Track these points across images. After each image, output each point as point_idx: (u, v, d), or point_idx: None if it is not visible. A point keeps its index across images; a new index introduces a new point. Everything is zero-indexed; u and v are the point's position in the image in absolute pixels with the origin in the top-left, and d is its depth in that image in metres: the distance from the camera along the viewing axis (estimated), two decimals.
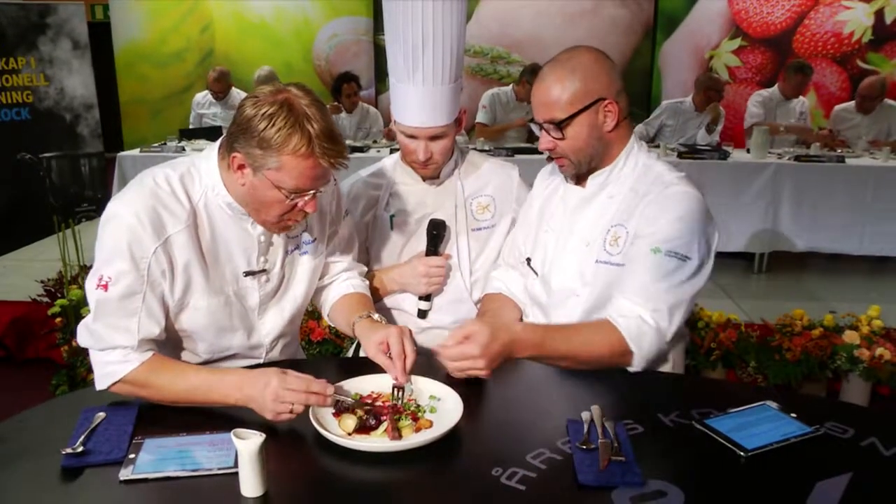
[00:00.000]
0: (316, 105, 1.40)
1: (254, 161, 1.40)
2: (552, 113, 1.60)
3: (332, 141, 1.39)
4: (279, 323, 1.68)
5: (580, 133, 1.60)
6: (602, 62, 1.61)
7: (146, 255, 1.43)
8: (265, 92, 1.41)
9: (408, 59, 1.75)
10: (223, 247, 1.55)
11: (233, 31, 8.31)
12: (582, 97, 1.58)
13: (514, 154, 4.89)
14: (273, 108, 1.36)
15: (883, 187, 4.80)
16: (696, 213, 1.57)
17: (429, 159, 1.84)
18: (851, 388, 3.31)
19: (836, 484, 1.23)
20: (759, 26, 7.48)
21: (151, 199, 1.45)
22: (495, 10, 7.82)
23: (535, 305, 1.79)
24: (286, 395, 1.35)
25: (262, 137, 1.36)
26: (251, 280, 1.60)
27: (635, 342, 1.55)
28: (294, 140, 1.36)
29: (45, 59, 5.86)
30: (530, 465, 1.27)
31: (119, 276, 1.43)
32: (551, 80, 1.60)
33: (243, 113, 1.40)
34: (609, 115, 1.60)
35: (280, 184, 1.41)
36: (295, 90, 1.40)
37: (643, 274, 1.57)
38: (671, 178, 1.62)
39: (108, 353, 1.46)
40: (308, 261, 1.69)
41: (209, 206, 1.52)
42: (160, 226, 1.44)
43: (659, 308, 1.56)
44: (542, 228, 1.78)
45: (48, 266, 4.37)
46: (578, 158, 1.65)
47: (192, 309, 1.54)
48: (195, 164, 1.54)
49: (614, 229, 1.63)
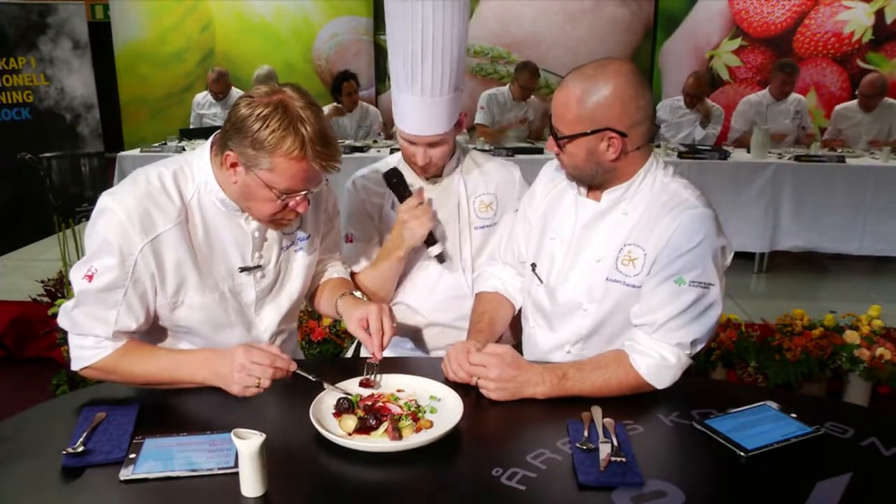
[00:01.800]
0: (311, 108, 1.40)
1: (247, 160, 1.41)
2: (558, 124, 1.57)
3: (325, 144, 1.39)
4: (276, 318, 1.69)
5: (577, 153, 1.56)
6: (623, 92, 1.50)
7: (133, 252, 1.45)
8: (261, 92, 1.41)
9: (407, 70, 1.75)
10: (217, 243, 1.55)
11: (233, 30, 8.31)
12: (586, 123, 1.52)
13: (515, 154, 4.89)
14: (268, 110, 1.37)
15: (883, 187, 4.80)
16: (713, 235, 1.53)
17: (428, 163, 1.85)
18: (852, 388, 3.31)
19: (836, 484, 1.23)
20: (760, 26, 7.47)
21: (143, 196, 1.46)
22: (496, 10, 7.81)
23: (538, 312, 1.77)
24: (253, 369, 1.40)
25: (255, 138, 1.37)
26: (247, 276, 1.61)
27: (655, 380, 1.53)
28: (287, 142, 1.36)
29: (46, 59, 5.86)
30: (530, 465, 1.27)
31: (104, 270, 1.45)
32: (567, 92, 1.54)
33: (238, 112, 1.40)
34: (612, 147, 1.54)
35: (272, 184, 1.42)
36: (290, 91, 1.41)
37: (667, 307, 1.52)
38: (688, 198, 1.57)
39: (83, 339, 1.50)
40: (303, 257, 1.71)
41: (202, 203, 1.52)
42: (150, 224, 1.45)
43: (682, 342, 1.53)
44: (547, 234, 1.74)
45: (48, 266, 4.38)
46: (575, 174, 1.63)
47: (187, 306, 1.55)
48: (188, 161, 1.55)
49: (628, 248, 1.59)
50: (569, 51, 7.68)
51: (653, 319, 1.54)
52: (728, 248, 1.58)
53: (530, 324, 1.80)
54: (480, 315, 1.83)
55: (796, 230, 4.93)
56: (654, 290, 1.55)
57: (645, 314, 1.56)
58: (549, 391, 1.50)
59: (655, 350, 1.53)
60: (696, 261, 1.52)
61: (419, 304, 1.98)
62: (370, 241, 1.98)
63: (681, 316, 1.52)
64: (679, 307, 1.52)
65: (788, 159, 4.96)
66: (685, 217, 1.53)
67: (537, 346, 1.78)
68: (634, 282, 1.59)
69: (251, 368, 1.40)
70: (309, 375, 1.47)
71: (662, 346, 1.53)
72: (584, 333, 1.67)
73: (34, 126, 5.75)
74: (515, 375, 1.50)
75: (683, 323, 1.52)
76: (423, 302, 1.98)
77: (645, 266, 1.57)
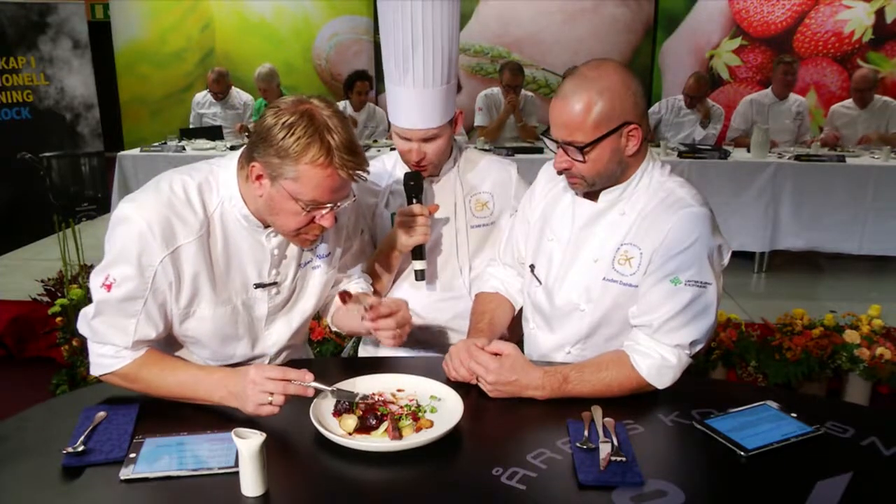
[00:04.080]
0: (338, 116, 1.39)
1: (272, 170, 1.39)
2: (574, 135, 1.52)
3: (351, 153, 1.37)
4: (286, 333, 1.67)
5: (602, 157, 1.53)
6: (629, 83, 1.51)
7: (153, 263, 1.43)
8: (287, 102, 1.40)
9: (399, 61, 1.75)
10: (235, 258, 1.54)
11: (233, 30, 8.32)
12: (608, 121, 1.49)
13: (514, 154, 4.89)
14: (294, 118, 1.36)
15: (883, 187, 4.80)
16: (708, 234, 1.53)
17: (422, 160, 1.84)
18: (851, 388, 3.31)
19: (836, 484, 1.23)
20: (760, 26, 7.48)
21: (165, 206, 1.44)
22: (495, 10, 7.82)
23: (537, 313, 1.77)
24: (266, 384, 1.36)
25: (280, 146, 1.35)
26: (261, 292, 1.59)
27: (656, 380, 1.53)
28: (313, 150, 1.35)
29: (46, 59, 5.86)
30: (530, 465, 1.27)
31: (123, 280, 1.43)
32: (575, 100, 1.49)
33: (264, 122, 1.38)
34: (632, 139, 1.52)
35: (297, 195, 1.39)
36: (317, 101, 1.40)
37: (664, 307, 1.52)
38: (684, 196, 1.57)
39: (102, 347, 1.49)
40: (320, 275, 1.69)
41: (225, 217, 1.50)
42: (171, 235, 1.43)
43: (682, 342, 1.53)
44: (545, 236, 1.74)
45: (48, 265, 4.38)
46: (594, 180, 1.59)
47: (197, 318, 1.53)
48: (213, 173, 1.52)
49: (625, 248, 1.59)
50: (569, 51, 7.69)
51: (650, 319, 1.54)
52: (725, 247, 1.58)
53: (530, 325, 1.80)
54: (480, 315, 1.83)
55: (796, 230, 4.93)
56: (650, 289, 1.55)
57: (643, 314, 1.56)
58: (549, 395, 1.50)
59: (656, 350, 1.53)
60: (692, 260, 1.52)
61: (415, 303, 1.98)
62: (364, 238, 1.98)
63: (678, 316, 1.52)
64: (676, 307, 1.52)
65: (788, 159, 4.96)
66: (680, 216, 1.53)
67: (538, 347, 1.78)
68: (631, 281, 1.58)
69: (263, 384, 1.36)
70: (325, 387, 1.42)
71: (662, 347, 1.53)
72: (584, 334, 1.67)
73: (34, 126, 5.76)
74: (515, 379, 1.50)
75: (681, 323, 1.52)
76: (418, 301, 1.97)
77: (641, 265, 1.57)
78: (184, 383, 1.46)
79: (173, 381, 1.47)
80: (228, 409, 1.43)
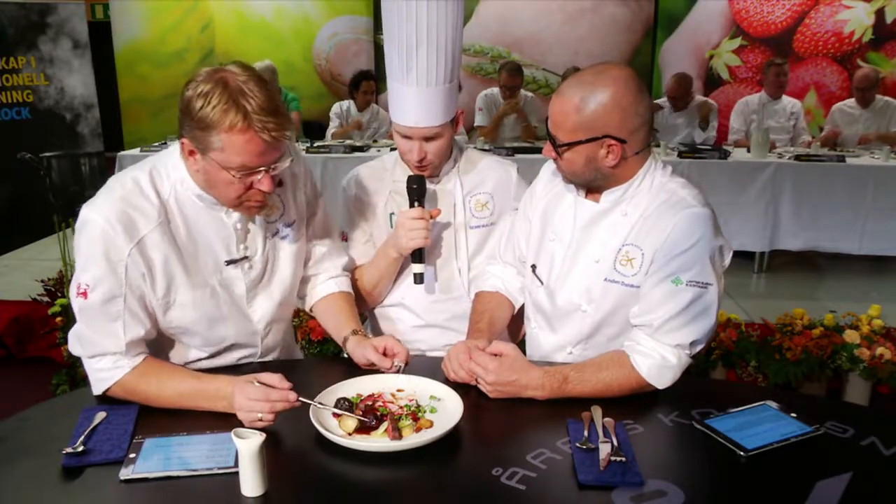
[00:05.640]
0: (254, 80, 1.38)
1: (199, 144, 1.40)
2: (556, 131, 1.56)
3: (270, 114, 1.37)
4: (270, 307, 1.68)
5: (576, 160, 1.56)
6: (622, 99, 1.49)
7: (122, 258, 1.44)
8: (203, 73, 1.40)
9: (402, 59, 1.76)
10: (201, 238, 1.55)
11: (233, 30, 8.31)
12: (585, 130, 1.51)
13: (515, 154, 4.89)
14: (208, 87, 1.36)
15: (883, 186, 4.80)
16: (710, 235, 1.53)
17: (423, 159, 1.84)
18: (851, 388, 3.31)
19: (836, 484, 1.23)
20: (760, 25, 7.48)
21: (120, 201, 1.45)
22: (495, 10, 7.82)
23: (539, 314, 1.77)
24: (253, 406, 1.36)
25: (200, 117, 1.36)
26: (234, 269, 1.60)
27: (657, 380, 1.53)
28: (230, 116, 1.34)
29: (46, 59, 5.86)
30: (530, 465, 1.27)
31: (97, 283, 1.43)
32: (565, 99, 1.52)
33: (183, 96, 1.38)
34: (611, 154, 1.53)
35: (226, 164, 1.40)
36: (233, 68, 1.40)
37: (664, 307, 1.52)
38: (685, 197, 1.56)
39: (99, 360, 1.48)
40: (290, 243, 1.69)
41: (180, 200, 1.52)
42: (132, 227, 1.44)
43: (682, 343, 1.53)
44: (547, 235, 1.74)
45: (48, 265, 4.38)
46: (573, 179, 1.63)
47: (178, 305, 1.54)
48: (161, 161, 1.54)
49: (626, 249, 1.59)
50: (569, 51, 7.69)
51: (651, 319, 1.54)
52: (726, 247, 1.58)
53: (532, 325, 1.80)
54: (480, 314, 1.83)
55: (796, 230, 4.93)
56: (651, 289, 1.55)
57: (643, 314, 1.56)
58: (549, 395, 1.50)
59: (656, 350, 1.53)
60: (693, 260, 1.52)
61: (414, 305, 1.98)
62: (365, 240, 1.98)
63: (679, 316, 1.52)
64: (677, 307, 1.52)
65: (788, 159, 4.96)
66: (682, 216, 1.53)
67: (539, 348, 1.78)
68: (633, 281, 1.58)
69: (250, 405, 1.36)
70: (308, 401, 1.40)
71: (662, 347, 1.53)
72: (585, 334, 1.67)
73: (34, 125, 5.76)
74: (515, 379, 1.50)
75: (682, 323, 1.52)
76: (417, 302, 1.97)
77: (643, 266, 1.57)
78: (184, 395, 1.46)
79: (172, 393, 1.46)
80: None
